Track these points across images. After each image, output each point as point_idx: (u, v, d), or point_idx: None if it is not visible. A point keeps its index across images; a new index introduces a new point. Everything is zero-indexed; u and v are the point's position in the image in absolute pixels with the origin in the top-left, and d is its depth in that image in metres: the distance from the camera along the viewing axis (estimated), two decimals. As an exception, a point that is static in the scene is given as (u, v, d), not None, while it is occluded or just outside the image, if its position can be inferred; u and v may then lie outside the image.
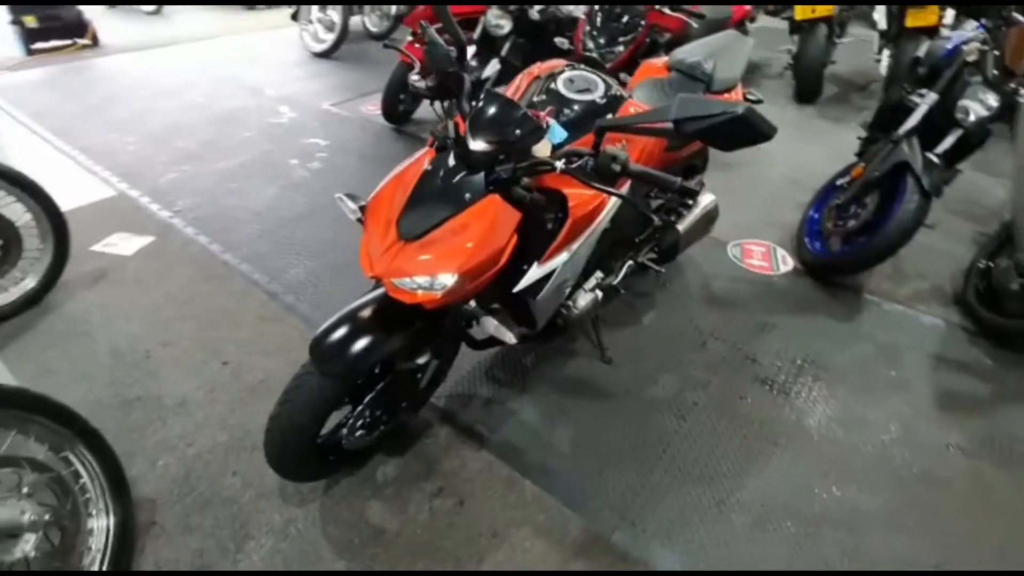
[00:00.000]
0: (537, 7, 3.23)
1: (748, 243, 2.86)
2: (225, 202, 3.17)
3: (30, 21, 5.47)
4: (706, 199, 2.21)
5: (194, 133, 4.02)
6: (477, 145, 1.26)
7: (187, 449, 1.82)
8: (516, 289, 1.41)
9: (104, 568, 1.42)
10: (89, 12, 6.04)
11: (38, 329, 2.28)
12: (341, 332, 1.36)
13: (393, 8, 3.85)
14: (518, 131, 1.26)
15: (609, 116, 1.57)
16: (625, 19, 2.95)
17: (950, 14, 3.86)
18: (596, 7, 3.02)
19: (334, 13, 5.32)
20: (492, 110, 1.28)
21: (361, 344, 1.34)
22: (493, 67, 3.27)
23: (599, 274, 1.86)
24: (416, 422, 1.89)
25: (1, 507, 1.21)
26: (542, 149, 1.37)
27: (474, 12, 3.43)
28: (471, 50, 3.37)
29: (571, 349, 2.21)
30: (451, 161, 1.32)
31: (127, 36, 6.45)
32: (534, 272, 1.41)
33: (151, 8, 7.29)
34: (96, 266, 2.63)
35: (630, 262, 2.14)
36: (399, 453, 1.81)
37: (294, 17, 5.62)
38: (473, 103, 1.32)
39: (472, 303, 1.47)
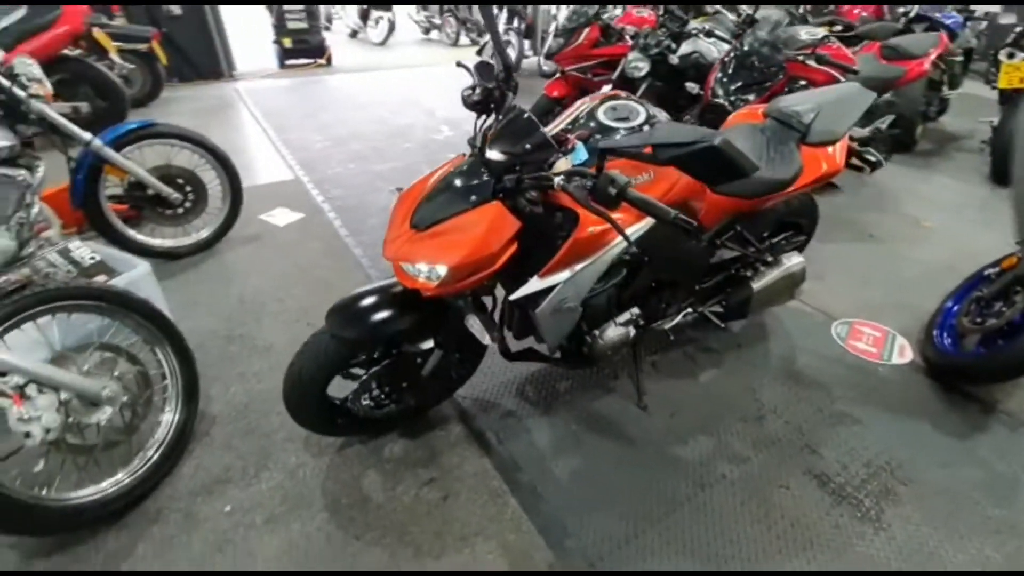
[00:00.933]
0: (680, 53, 3.22)
1: (861, 323, 2.46)
2: (367, 197, 3.68)
3: (287, 42, 6.93)
4: (792, 260, 2.01)
5: (368, 140, 4.72)
6: (492, 154, 1.36)
7: (256, 384, 2.15)
8: (512, 298, 1.46)
9: (158, 454, 1.76)
10: (330, 39, 7.46)
11: (200, 268, 2.88)
12: (355, 305, 1.54)
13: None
14: (528, 146, 1.32)
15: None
16: (761, 68, 2.79)
17: None
18: (732, 54, 2.90)
19: (512, 52, 5.84)
20: (512, 125, 1.37)
21: (368, 318, 1.51)
22: (625, 106, 3.32)
23: (635, 310, 1.79)
24: (436, 414, 2.00)
25: (90, 378, 1.58)
26: (561, 167, 1.41)
27: (619, 53, 3.54)
28: (606, 88, 3.46)
29: (609, 386, 2.13)
30: (473, 166, 1.43)
31: (353, 61, 7.80)
32: (533, 284, 1.44)
33: (379, 40, 8.71)
34: (256, 230, 3.25)
35: (688, 309, 2.02)
36: (411, 437, 1.93)
37: (479, 53, 6.30)
38: (500, 117, 1.42)
39: (469, 299, 1.54)
